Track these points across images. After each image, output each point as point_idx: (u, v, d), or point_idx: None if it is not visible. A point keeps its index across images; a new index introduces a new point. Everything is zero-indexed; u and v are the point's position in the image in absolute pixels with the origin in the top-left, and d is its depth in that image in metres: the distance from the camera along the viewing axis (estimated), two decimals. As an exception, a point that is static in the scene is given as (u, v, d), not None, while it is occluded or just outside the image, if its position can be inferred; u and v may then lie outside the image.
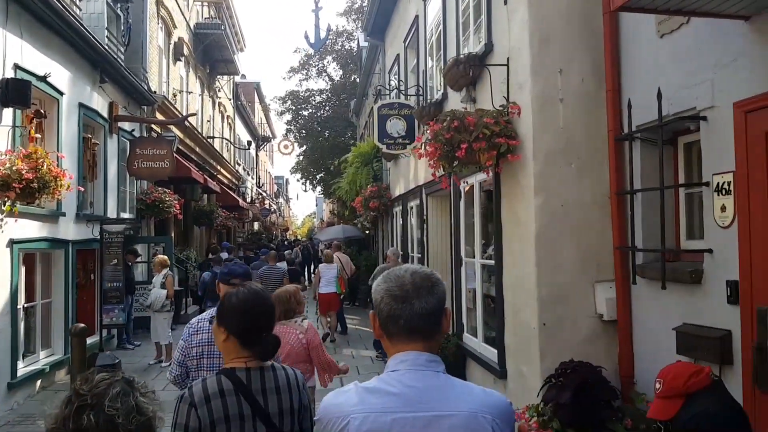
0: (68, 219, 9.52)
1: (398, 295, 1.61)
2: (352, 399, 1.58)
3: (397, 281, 1.64)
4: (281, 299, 4.59)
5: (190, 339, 3.38)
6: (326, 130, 27.48)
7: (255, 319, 2.29)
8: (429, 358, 1.61)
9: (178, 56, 16.76)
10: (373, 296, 1.69)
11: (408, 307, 1.60)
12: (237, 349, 2.27)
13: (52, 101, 9.15)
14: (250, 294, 2.33)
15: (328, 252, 12.98)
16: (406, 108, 9.04)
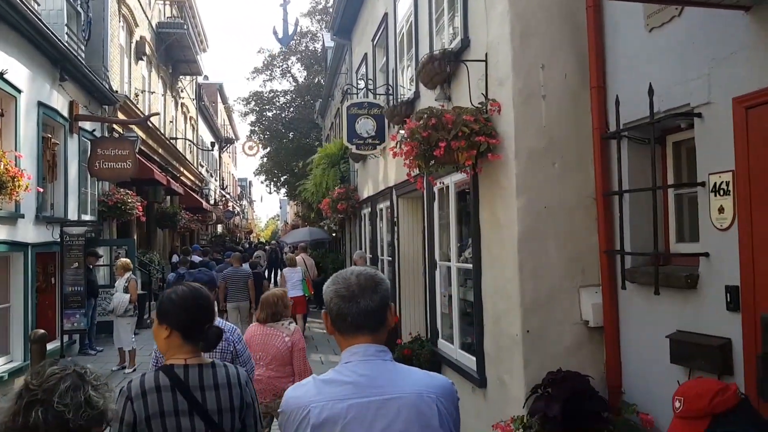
0: (27, 221, 8.93)
1: (345, 296, 1.73)
2: (310, 391, 1.70)
3: (344, 282, 1.76)
4: (269, 302, 4.55)
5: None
6: (290, 132, 26.94)
7: (195, 314, 2.30)
8: (377, 349, 1.75)
9: (140, 55, 16.11)
10: (324, 296, 1.79)
11: (354, 306, 1.73)
12: (179, 344, 2.27)
13: (10, 99, 8.56)
14: (189, 290, 2.34)
15: (291, 256, 12.65)
16: (376, 107, 8.75)
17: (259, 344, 4.51)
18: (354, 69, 12.08)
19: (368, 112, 8.69)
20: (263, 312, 4.62)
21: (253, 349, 4.40)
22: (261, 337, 4.55)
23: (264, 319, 4.59)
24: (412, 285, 8.23)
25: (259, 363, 4.42)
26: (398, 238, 8.40)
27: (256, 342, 4.51)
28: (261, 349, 4.48)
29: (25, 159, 8.82)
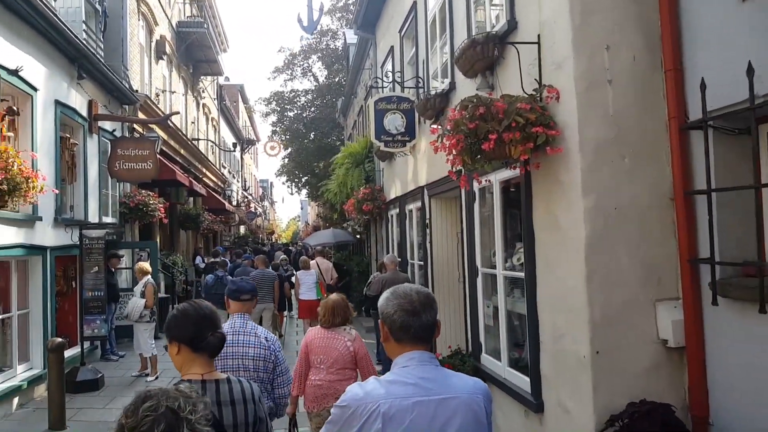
0: (45, 224, 8.54)
1: (409, 310, 1.97)
2: (378, 389, 1.91)
3: (407, 298, 1.99)
4: (335, 307, 4.51)
5: None
6: (311, 132, 26.46)
7: (198, 325, 2.31)
8: (430, 356, 1.99)
9: (160, 55, 15.73)
10: (383, 308, 2.01)
11: (417, 320, 1.97)
12: (192, 358, 2.29)
13: (26, 98, 8.16)
14: (189, 305, 2.38)
15: (304, 259, 12.15)
16: (405, 102, 8.19)
17: (321, 348, 4.43)
18: (379, 64, 11.54)
19: (397, 107, 8.14)
20: (327, 316, 4.53)
21: (315, 352, 4.39)
22: (323, 340, 4.46)
23: (328, 323, 4.51)
24: (446, 292, 7.66)
25: (320, 367, 4.38)
26: (431, 241, 7.84)
27: (318, 345, 4.44)
28: (323, 352, 4.41)
29: (41, 159, 8.43)
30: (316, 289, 11.40)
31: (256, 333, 3.59)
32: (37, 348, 8.29)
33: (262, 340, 3.55)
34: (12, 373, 7.79)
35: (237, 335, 3.52)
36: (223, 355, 3.29)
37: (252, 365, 3.46)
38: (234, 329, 3.55)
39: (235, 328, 3.57)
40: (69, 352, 9.42)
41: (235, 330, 3.54)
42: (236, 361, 3.45)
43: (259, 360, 3.48)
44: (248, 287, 3.86)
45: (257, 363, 3.47)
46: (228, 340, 3.31)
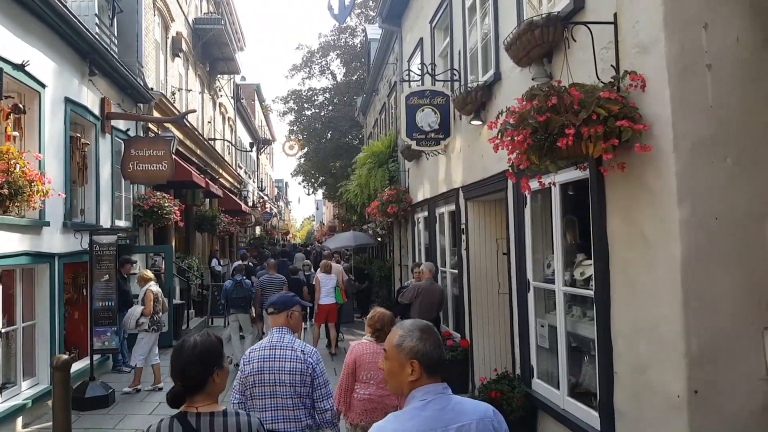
0: (53, 229, 8.03)
1: (439, 344, 2.12)
2: (408, 420, 2.02)
3: (433, 333, 2.14)
4: (383, 321, 4.42)
5: (244, 369, 3.50)
6: (328, 131, 25.85)
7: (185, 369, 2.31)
8: (444, 386, 2.10)
9: (176, 52, 15.24)
10: (419, 347, 2.08)
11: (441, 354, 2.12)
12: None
13: (33, 95, 7.66)
14: (181, 344, 2.39)
15: (326, 262, 11.64)
16: (440, 96, 7.56)
17: (371, 363, 4.31)
18: (405, 58, 10.92)
19: (431, 101, 7.52)
20: (377, 331, 4.43)
21: (364, 368, 4.30)
22: (372, 356, 4.33)
23: (377, 337, 4.40)
24: (485, 306, 7.04)
25: (369, 382, 4.30)
26: (467, 248, 7.20)
27: (366, 361, 4.32)
28: (373, 368, 4.29)
29: (50, 161, 7.93)
30: (336, 293, 11.04)
31: (293, 347, 3.53)
32: (44, 362, 7.79)
33: (299, 353, 3.49)
34: (16, 390, 7.28)
35: (273, 349, 3.50)
36: (259, 369, 3.43)
37: (288, 379, 3.42)
38: (271, 343, 3.54)
39: (272, 342, 3.55)
40: (78, 365, 8.94)
41: (271, 344, 3.54)
42: (273, 376, 3.43)
43: (295, 374, 3.44)
44: (274, 300, 3.77)
45: (294, 377, 3.43)
46: (265, 354, 3.47)
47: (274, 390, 3.40)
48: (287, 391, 3.39)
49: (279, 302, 3.71)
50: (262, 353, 3.49)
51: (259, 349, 3.53)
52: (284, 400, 3.40)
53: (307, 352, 3.54)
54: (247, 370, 3.48)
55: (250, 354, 3.55)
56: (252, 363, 3.48)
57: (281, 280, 10.81)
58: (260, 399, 3.41)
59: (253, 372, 3.44)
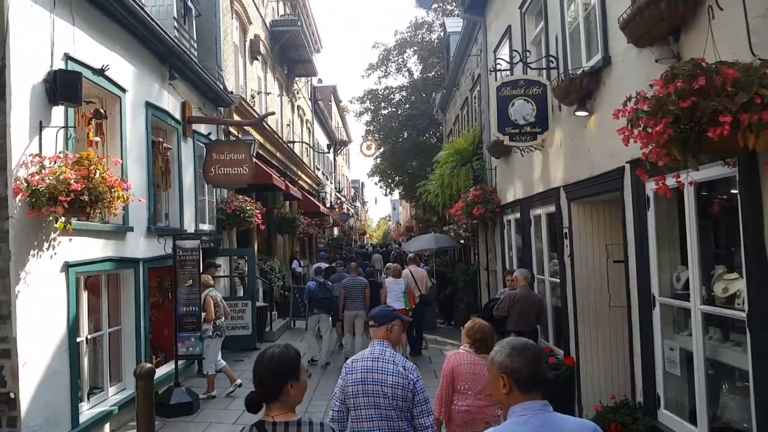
0: (137, 234, 7.93)
1: (533, 361, 2.14)
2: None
3: (527, 351, 2.17)
4: (483, 332, 4.34)
5: (346, 378, 3.52)
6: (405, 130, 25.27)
7: (263, 380, 2.40)
8: (543, 404, 2.12)
9: (254, 55, 15.17)
10: (507, 363, 2.15)
11: (539, 370, 2.16)
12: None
13: (113, 99, 7.56)
14: (260, 355, 2.47)
15: (395, 266, 11.10)
16: (536, 86, 6.84)
17: (469, 374, 4.23)
18: (490, 48, 10.23)
19: (525, 92, 6.82)
20: (476, 341, 4.32)
21: (462, 379, 4.21)
22: (470, 366, 4.25)
23: (479, 348, 4.29)
24: (594, 320, 6.27)
25: (467, 393, 4.20)
26: (571, 255, 6.45)
27: (465, 371, 4.23)
28: (471, 378, 4.21)
29: (132, 165, 7.82)
30: (404, 298, 10.52)
31: (394, 361, 3.53)
32: (130, 368, 7.66)
33: (400, 368, 3.49)
34: (104, 395, 7.19)
35: (375, 362, 3.52)
36: (362, 379, 3.46)
37: (390, 392, 3.43)
38: (373, 355, 3.56)
39: (374, 354, 3.56)
40: (164, 369, 8.85)
41: (373, 357, 3.55)
42: (375, 387, 3.45)
43: (397, 388, 3.43)
44: (375, 313, 3.78)
45: (395, 391, 3.43)
46: (367, 365, 3.50)
47: (377, 401, 3.43)
48: (389, 403, 3.41)
49: (379, 316, 3.73)
50: (364, 364, 3.52)
51: (361, 360, 3.56)
52: (387, 411, 3.42)
53: (408, 367, 3.53)
54: (350, 380, 3.51)
55: (353, 364, 3.58)
56: (355, 373, 3.51)
57: (364, 283, 10.78)
58: (364, 409, 3.44)
59: (356, 382, 3.48)
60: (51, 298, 5.93)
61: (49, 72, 6.00)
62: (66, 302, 6.18)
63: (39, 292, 5.72)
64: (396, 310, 10.22)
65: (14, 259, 5.36)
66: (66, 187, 5.57)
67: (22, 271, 5.46)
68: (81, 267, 6.46)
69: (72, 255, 6.29)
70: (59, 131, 6.10)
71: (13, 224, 5.39)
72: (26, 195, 5.43)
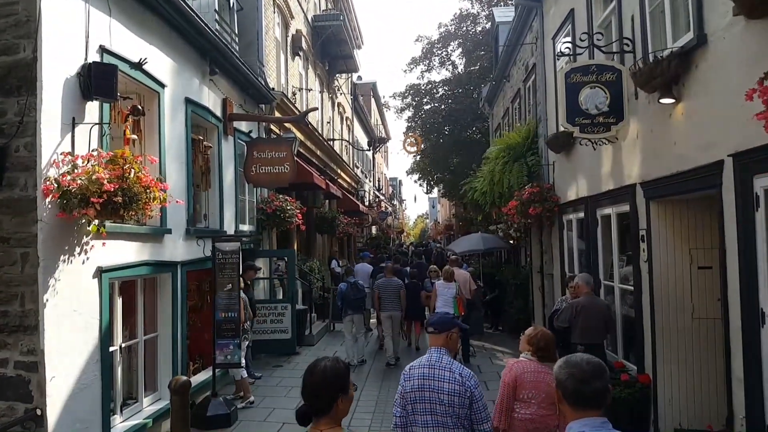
0: (175, 236, 7.51)
1: (580, 379, 2.18)
2: None
3: (577, 367, 2.21)
4: (553, 340, 4.28)
5: (404, 384, 3.56)
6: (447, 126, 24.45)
7: (311, 395, 2.40)
8: (602, 421, 2.15)
9: (296, 51, 14.73)
10: (556, 373, 2.26)
11: (587, 387, 2.17)
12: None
13: (152, 95, 7.15)
14: (310, 367, 2.47)
15: (447, 268, 10.44)
16: (610, 72, 6.10)
17: (532, 382, 4.11)
18: (548, 35, 9.49)
19: (598, 78, 6.10)
20: (540, 350, 4.21)
21: (525, 387, 4.08)
22: (533, 375, 4.13)
23: (540, 357, 4.19)
24: (675, 334, 5.58)
25: (530, 402, 4.08)
26: (648, 260, 5.73)
27: (528, 380, 4.11)
28: (534, 387, 4.10)
29: (171, 164, 7.41)
30: (454, 304, 9.91)
31: (451, 368, 3.53)
32: (166, 377, 7.27)
33: (457, 376, 3.48)
34: (138, 407, 6.78)
35: (432, 369, 3.53)
36: (419, 386, 3.46)
37: (447, 400, 3.43)
38: (430, 362, 3.56)
39: (431, 361, 3.56)
40: (202, 376, 8.44)
41: (430, 364, 3.55)
42: (432, 394, 3.45)
43: (453, 395, 3.44)
44: (434, 321, 3.77)
45: (452, 398, 3.43)
46: (424, 372, 3.50)
47: (433, 408, 3.43)
48: (446, 411, 3.40)
49: (439, 323, 3.71)
50: (421, 371, 3.52)
51: (419, 367, 3.56)
52: (444, 418, 3.41)
53: (465, 375, 3.51)
54: (408, 386, 3.53)
55: (410, 370, 3.60)
56: (413, 380, 3.52)
57: (399, 284, 10.64)
58: (421, 415, 3.45)
59: (414, 388, 3.49)
60: (82, 306, 5.52)
61: (83, 65, 5.58)
62: (99, 310, 5.78)
63: (70, 300, 5.31)
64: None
65: (43, 265, 4.95)
66: (99, 187, 5.14)
67: (51, 278, 5.05)
68: (115, 272, 6.05)
69: (105, 260, 5.88)
70: (93, 128, 5.68)
71: (42, 228, 4.98)
72: (56, 196, 5.02)
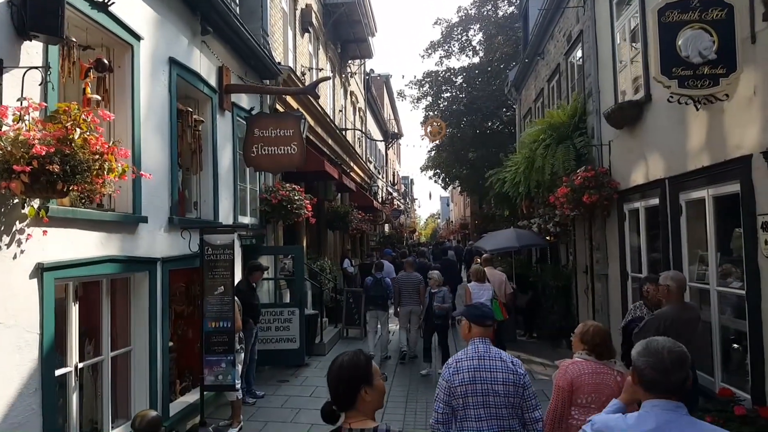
0: (154, 227, 6.01)
1: (660, 369, 2.18)
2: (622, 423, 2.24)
3: (657, 356, 2.20)
4: (608, 335, 3.77)
5: (452, 379, 3.38)
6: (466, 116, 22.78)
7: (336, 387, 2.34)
8: (676, 405, 2.18)
9: (305, 27, 13.20)
10: (635, 359, 2.27)
11: (665, 378, 2.18)
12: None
13: (123, 49, 5.65)
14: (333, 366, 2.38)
15: (477, 267, 8.98)
16: (718, 7, 4.54)
17: (591, 384, 3.58)
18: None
19: (702, 16, 4.53)
20: (596, 346, 3.67)
21: (583, 390, 3.57)
22: (592, 376, 3.58)
23: (598, 354, 3.66)
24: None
25: (590, 407, 3.52)
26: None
27: (587, 382, 3.57)
28: (594, 390, 3.56)
29: (149, 136, 5.91)
30: (494, 307, 8.51)
31: (501, 357, 3.41)
32: (142, 401, 5.78)
33: (509, 364, 3.38)
34: (99, 443, 5.28)
35: (482, 360, 3.38)
36: (471, 379, 3.30)
37: (503, 390, 3.31)
38: (479, 354, 3.41)
39: (479, 352, 3.42)
40: (191, 397, 6.93)
41: (479, 355, 3.41)
42: (486, 386, 3.31)
43: (509, 385, 3.32)
44: (491, 314, 3.66)
45: (507, 388, 3.31)
46: (475, 364, 3.36)
47: (487, 400, 3.29)
48: (501, 401, 3.29)
49: (480, 316, 3.53)
50: (471, 363, 3.37)
51: (466, 359, 3.41)
52: (498, 410, 3.28)
53: (516, 362, 3.43)
54: (456, 380, 3.35)
55: (457, 364, 3.42)
56: (461, 372, 3.36)
57: (418, 279, 10.13)
58: (474, 409, 3.30)
59: (464, 382, 3.33)
60: (12, 317, 4.01)
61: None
62: (39, 321, 4.28)
63: (-11, 310, 3.82)
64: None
65: (-58, 260, 3.46)
66: (26, 151, 3.65)
67: (-43, 280, 3.57)
68: (64, 270, 4.54)
69: (50, 254, 4.38)
70: (27, 74, 4.17)
71: (-58, 208, 3.49)
72: (-37, 163, 3.54)
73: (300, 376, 9.00)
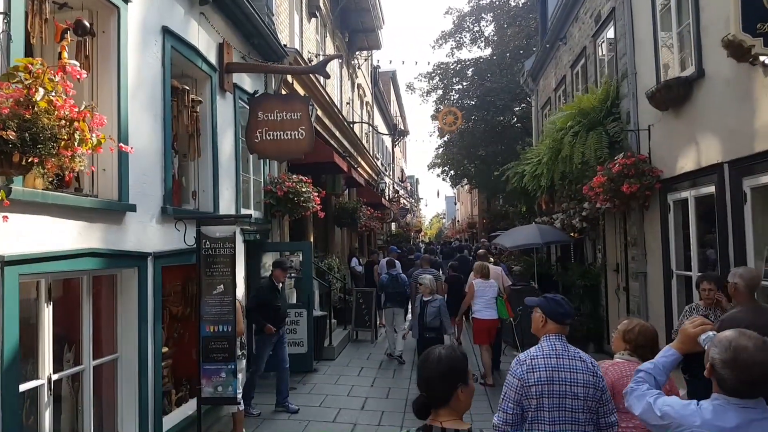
0: (144, 217, 5.26)
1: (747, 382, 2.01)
2: (697, 413, 2.11)
3: (747, 372, 2.01)
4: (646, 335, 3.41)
5: (526, 377, 3.05)
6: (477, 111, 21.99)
7: (424, 379, 2.25)
8: (757, 401, 2.03)
9: (312, 11, 12.46)
10: (714, 354, 2.09)
11: (750, 390, 2.03)
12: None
13: (108, 11, 4.90)
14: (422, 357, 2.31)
15: (481, 263, 8.43)
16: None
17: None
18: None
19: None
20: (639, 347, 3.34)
21: (620, 391, 3.08)
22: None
23: (641, 355, 3.31)
24: None
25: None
26: None
27: (625, 385, 2.97)
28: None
29: (138, 115, 5.15)
30: (499, 305, 8.24)
31: (581, 357, 3.09)
32: (130, 415, 5.04)
33: (589, 365, 3.06)
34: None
35: (560, 359, 3.06)
36: (548, 379, 3.02)
37: (582, 392, 3.00)
38: (557, 352, 3.09)
39: (557, 351, 3.09)
40: (189, 407, 6.19)
41: (557, 353, 3.08)
42: (564, 387, 3.00)
43: (589, 387, 3.00)
44: (572, 312, 3.27)
45: (587, 391, 3.00)
46: (552, 363, 3.06)
47: (563, 402, 2.99)
48: (579, 405, 2.99)
49: (561, 314, 3.17)
50: (548, 361, 3.05)
51: (543, 357, 3.08)
52: (575, 414, 2.99)
53: (595, 364, 3.12)
54: (532, 379, 3.03)
55: (532, 361, 3.08)
56: (538, 371, 3.04)
57: (435, 275, 9.91)
58: (549, 411, 2.99)
59: (540, 381, 3.02)
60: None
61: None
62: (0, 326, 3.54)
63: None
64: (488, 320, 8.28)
65: None
66: (-27, 115, 2.91)
67: None
68: (31, 265, 3.78)
69: (13, 245, 3.64)
70: (-18, 26, 3.43)
71: None
72: None
73: (308, 383, 8.24)
